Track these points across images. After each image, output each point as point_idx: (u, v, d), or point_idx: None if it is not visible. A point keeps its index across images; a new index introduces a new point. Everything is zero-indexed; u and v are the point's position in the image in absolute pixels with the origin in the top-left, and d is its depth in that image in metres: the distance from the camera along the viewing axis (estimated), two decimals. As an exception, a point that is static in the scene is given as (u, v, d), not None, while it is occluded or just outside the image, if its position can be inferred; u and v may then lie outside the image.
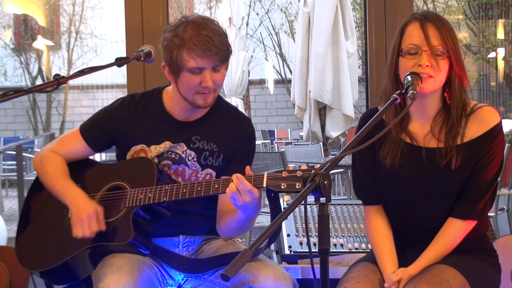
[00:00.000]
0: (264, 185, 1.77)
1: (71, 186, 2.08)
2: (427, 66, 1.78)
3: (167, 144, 2.12)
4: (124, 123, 2.15)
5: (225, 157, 2.14)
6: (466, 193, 1.86)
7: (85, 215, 1.95)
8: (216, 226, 2.13)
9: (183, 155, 2.12)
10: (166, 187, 1.94)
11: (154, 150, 2.12)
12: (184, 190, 1.91)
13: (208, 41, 1.97)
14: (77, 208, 1.99)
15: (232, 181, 1.80)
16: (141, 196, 1.96)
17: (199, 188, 1.89)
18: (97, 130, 2.19)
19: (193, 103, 2.06)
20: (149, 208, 1.99)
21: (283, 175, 1.75)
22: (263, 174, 1.78)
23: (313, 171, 1.65)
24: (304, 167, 1.75)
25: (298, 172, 1.73)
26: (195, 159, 2.12)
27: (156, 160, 2.09)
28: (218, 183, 1.87)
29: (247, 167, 1.85)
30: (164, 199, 1.93)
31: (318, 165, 1.66)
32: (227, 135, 2.15)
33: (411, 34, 1.82)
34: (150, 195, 1.95)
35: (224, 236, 2.13)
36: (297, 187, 1.72)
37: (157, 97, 2.19)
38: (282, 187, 1.74)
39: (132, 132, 2.15)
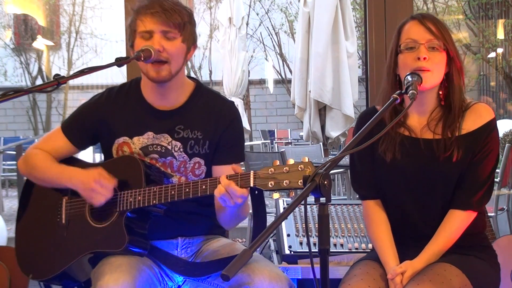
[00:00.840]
0: (251, 185, 1.72)
1: (64, 168, 2.06)
2: (424, 58, 1.84)
3: (150, 135, 2.08)
4: (104, 116, 2.11)
5: (211, 144, 2.08)
6: (464, 185, 1.90)
7: (92, 183, 1.94)
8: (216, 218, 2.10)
9: (169, 147, 2.07)
10: (155, 189, 1.91)
11: (137, 142, 2.08)
12: (173, 192, 1.88)
13: (155, 2, 1.95)
14: (82, 183, 1.97)
15: (219, 182, 1.77)
16: (131, 199, 1.94)
17: (187, 190, 1.86)
18: (78, 126, 2.16)
19: (148, 77, 2.01)
20: (140, 210, 1.96)
21: (270, 173, 1.70)
22: (249, 173, 1.73)
23: (300, 165, 1.64)
24: (290, 160, 1.69)
25: (285, 168, 1.68)
26: (181, 150, 2.07)
27: (141, 152, 2.05)
28: (205, 184, 1.84)
29: (237, 167, 1.81)
30: (154, 202, 1.91)
31: (306, 158, 1.65)
32: (210, 121, 2.08)
33: (408, 31, 1.91)
34: (139, 198, 1.93)
35: (225, 227, 2.13)
36: (284, 184, 1.67)
37: (135, 87, 2.15)
38: (270, 185, 1.69)
39: (113, 125, 2.11)
